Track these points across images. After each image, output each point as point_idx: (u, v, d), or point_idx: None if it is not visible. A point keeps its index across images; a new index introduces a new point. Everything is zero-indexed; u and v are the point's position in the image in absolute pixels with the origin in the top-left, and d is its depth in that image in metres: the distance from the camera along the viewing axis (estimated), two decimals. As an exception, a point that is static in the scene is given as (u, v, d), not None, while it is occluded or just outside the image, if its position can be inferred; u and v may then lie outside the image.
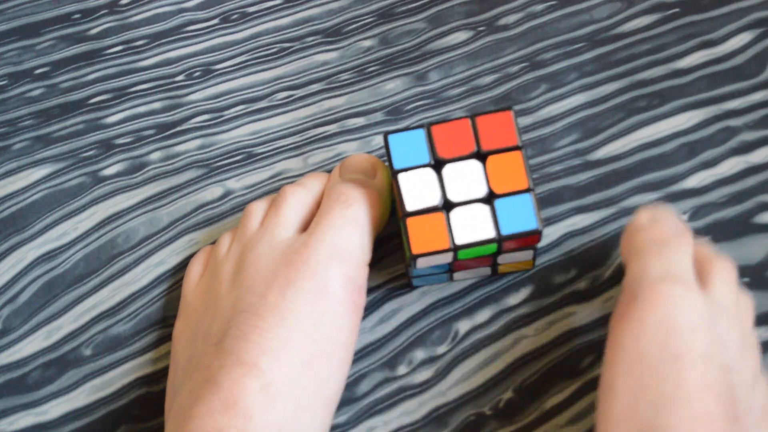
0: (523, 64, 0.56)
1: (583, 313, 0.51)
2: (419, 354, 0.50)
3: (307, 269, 0.47)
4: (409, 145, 0.49)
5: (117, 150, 0.55)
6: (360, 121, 0.55)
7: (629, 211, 0.52)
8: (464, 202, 0.47)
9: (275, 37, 0.57)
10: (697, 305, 0.44)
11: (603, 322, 0.50)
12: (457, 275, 0.51)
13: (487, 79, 0.56)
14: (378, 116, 0.55)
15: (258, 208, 0.51)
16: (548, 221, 0.53)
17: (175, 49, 0.57)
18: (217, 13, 0.58)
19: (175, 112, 0.56)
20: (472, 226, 0.47)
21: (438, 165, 0.48)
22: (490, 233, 0.47)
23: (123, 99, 0.56)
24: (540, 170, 0.54)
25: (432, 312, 0.51)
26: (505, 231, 0.47)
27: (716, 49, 0.55)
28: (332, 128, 0.55)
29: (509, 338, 0.50)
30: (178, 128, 0.56)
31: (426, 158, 0.48)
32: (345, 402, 0.50)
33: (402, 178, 0.48)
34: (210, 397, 0.45)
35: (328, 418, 0.47)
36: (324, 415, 0.46)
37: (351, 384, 0.50)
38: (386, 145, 0.49)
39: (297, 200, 0.50)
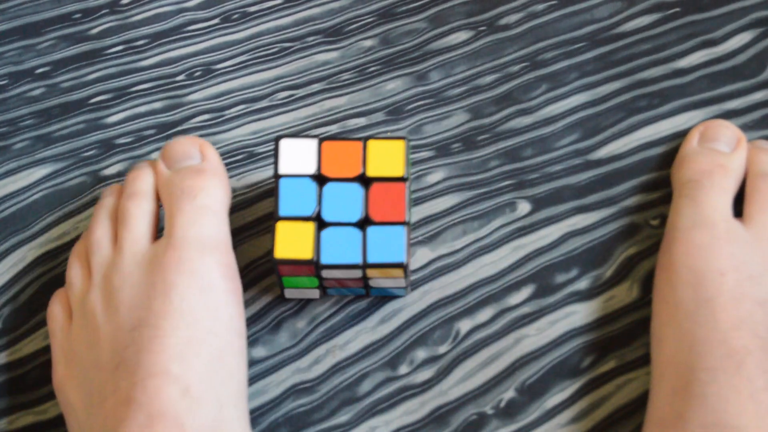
0: (524, 64, 0.56)
1: (584, 313, 0.51)
2: (420, 354, 0.50)
3: (184, 268, 0.46)
4: (298, 153, 0.49)
5: (117, 150, 0.55)
6: (361, 121, 0.55)
7: (630, 211, 0.52)
8: (338, 223, 0.48)
9: (276, 36, 0.57)
10: (724, 250, 0.46)
11: (604, 321, 0.50)
12: (330, 291, 0.51)
13: (488, 78, 0.56)
14: (379, 116, 0.55)
15: (103, 234, 0.49)
16: (549, 221, 0.53)
17: (175, 48, 0.57)
18: (217, 12, 0.58)
19: (175, 112, 0.56)
20: (341, 247, 0.47)
21: (321, 179, 0.49)
22: (355, 258, 0.47)
23: (123, 99, 0.56)
24: (540, 170, 0.54)
25: (433, 312, 0.51)
26: (371, 259, 0.47)
27: (717, 49, 0.55)
28: (333, 128, 0.55)
29: (510, 338, 0.50)
30: (179, 128, 0.56)
31: (311, 169, 0.49)
32: (346, 402, 0.50)
33: (283, 182, 0.49)
34: (133, 416, 0.42)
35: (246, 409, 0.46)
36: (244, 407, 0.46)
37: (352, 384, 0.50)
38: (276, 149, 0.49)
39: (143, 211, 0.49)
